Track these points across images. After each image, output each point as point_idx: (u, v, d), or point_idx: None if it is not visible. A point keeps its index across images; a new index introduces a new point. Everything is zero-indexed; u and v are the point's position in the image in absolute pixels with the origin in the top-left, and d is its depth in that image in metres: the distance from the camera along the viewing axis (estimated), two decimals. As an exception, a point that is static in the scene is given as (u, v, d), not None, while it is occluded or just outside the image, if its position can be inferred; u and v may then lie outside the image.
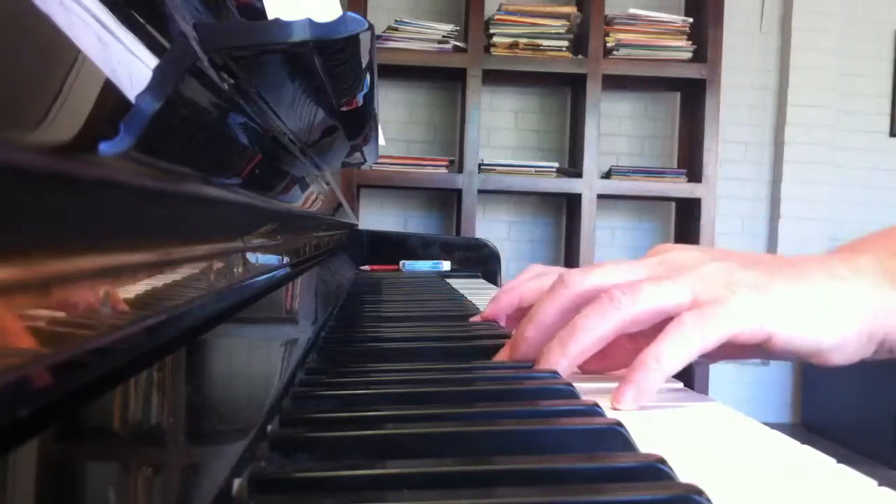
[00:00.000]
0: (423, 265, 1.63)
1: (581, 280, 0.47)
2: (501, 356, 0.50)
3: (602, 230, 3.12)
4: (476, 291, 1.15)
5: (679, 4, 3.18)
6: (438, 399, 0.37)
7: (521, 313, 0.55)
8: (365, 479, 0.26)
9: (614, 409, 0.41)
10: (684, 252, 0.48)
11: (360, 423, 0.33)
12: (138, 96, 0.22)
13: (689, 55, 2.91)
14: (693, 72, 2.90)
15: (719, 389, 3.11)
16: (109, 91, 0.20)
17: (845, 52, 3.23)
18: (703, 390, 2.84)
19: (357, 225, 1.76)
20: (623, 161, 3.13)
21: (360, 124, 0.81)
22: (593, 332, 0.44)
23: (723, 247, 3.10)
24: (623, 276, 0.46)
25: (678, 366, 0.41)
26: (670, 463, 0.27)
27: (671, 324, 0.42)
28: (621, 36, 2.89)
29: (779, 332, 0.43)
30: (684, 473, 0.27)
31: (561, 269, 0.54)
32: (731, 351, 0.46)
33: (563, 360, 0.44)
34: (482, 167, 2.90)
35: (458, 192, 2.88)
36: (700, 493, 0.24)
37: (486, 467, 0.27)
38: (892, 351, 0.46)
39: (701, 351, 0.42)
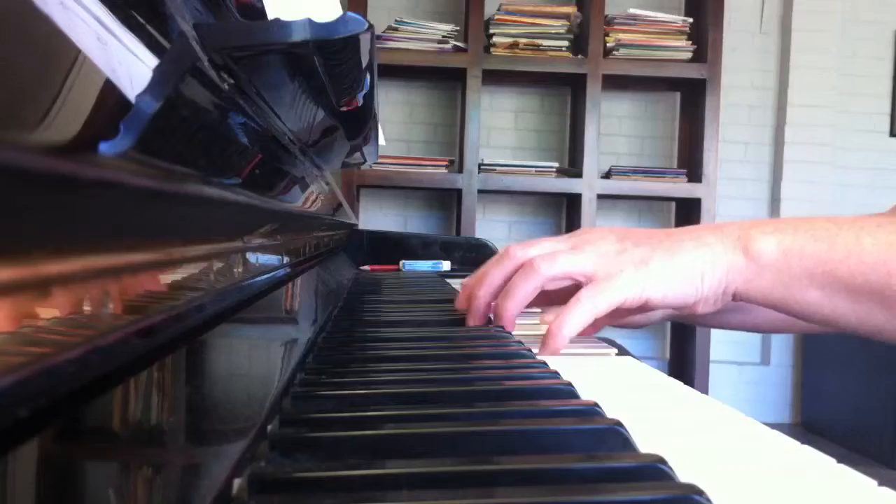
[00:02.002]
0: (423, 265, 1.63)
1: (519, 252, 0.65)
2: (459, 304, 0.70)
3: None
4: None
5: (679, 4, 3.18)
6: (438, 399, 0.37)
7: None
8: (365, 479, 0.26)
9: (539, 356, 0.52)
10: (597, 232, 0.64)
11: (360, 423, 0.33)
12: (138, 96, 0.22)
13: (689, 55, 2.91)
14: (693, 72, 2.90)
15: (719, 389, 3.10)
16: (109, 91, 0.20)
17: (845, 52, 3.23)
18: (703, 390, 2.83)
19: (357, 225, 1.76)
20: (623, 161, 3.13)
21: (360, 124, 0.81)
22: (522, 291, 0.62)
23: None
24: (548, 249, 0.64)
25: (577, 329, 0.57)
26: (670, 463, 0.27)
27: (571, 300, 0.58)
28: (621, 36, 2.89)
29: (653, 296, 0.58)
30: (684, 473, 0.27)
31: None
32: (621, 314, 0.63)
33: (506, 313, 0.63)
34: (482, 167, 2.90)
35: (458, 192, 2.88)
36: (700, 493, 0.24)
37: (486, 467, 0.27)
38: (736, 297, 0.59)
39: (594, 316, 0.57)
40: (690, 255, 0.58)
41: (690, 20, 2.94)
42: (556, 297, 0.66)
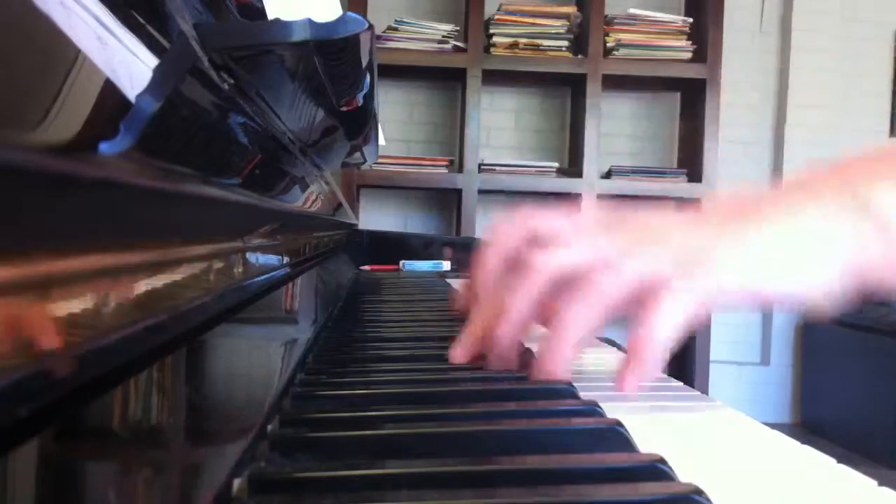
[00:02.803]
0: (423, 265, 1.63)
1: (549, 260, 0.43)
2: (460, 353, 0.45)
3: (602, 230, 3.12)
4: (476, 291, 1.14)
5: (679, 4, 3.18)
6: (438, 399, 0.37)
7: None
8: (365, 479, 0.26)
9: (622, 391, 0.39)
10: (651, 219, 0.45)
11: (360, 423, 0.33)
12: (138, 96, 0.22)
13: (689, 55, 2.91)
14: (693, 72, 2.90)
15: (719, 389, 3.10)
16: (109, 91, 0.20)
17: (845, 52, 3.23)
18: (704, 390, 2.83)
19: (357, 225, 1.76)
20: (623, 161, 3.13)
21: (359, 124, 0.81)
22: (582, 324, 0.40)
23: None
24: (592, 250, 0.43)
25: (674, 336, 0.39)
26: (670, 463, 0.27)
27: (659, 297, 0.40)
28: (621, 36, 2.89)
29: (765, 286, 0.41)
30: (684, 473, 0.27)
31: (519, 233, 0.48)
32: (722, 308, 0.43)
33: (560, 364, 0.41)
34: (482, 167, 2.90)
35: (458, 192, 2.88)
36: (700, 493, 0.24)
37: (486, 467, 0.27)
38: (864, 279, 0.41)
39: (696, 309, 0.40)
40: (806, 224, 0.41)
41: (690, 20, 2.94)
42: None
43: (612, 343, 0.65)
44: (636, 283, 0.40)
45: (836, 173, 0.44)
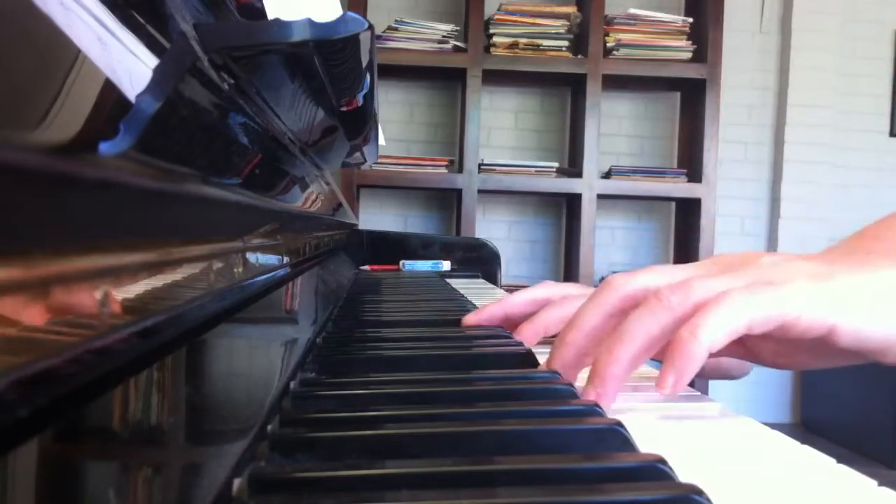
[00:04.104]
0: (423, 265, 1.63)
1: (627, 281, 0.44)
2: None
3: (602, 230, 3.12)
4: (476, 292, 1.15)
5: (679, 4, 3.18)
6: (438, 399, 0.37)
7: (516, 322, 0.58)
8: (365, 479, 0.26)
9: (660, 393, 0.38)
10: (735, 254, 0.45)
11: (360, 423, 0.33)
12: (138, 96, 0.22)
13: (689, 55, 2.91)
14: (693, 72, 2.90)
15: (719, 389, 3.10)
16: (109, 91, 0.20)
17: (845, 52, 3.23)
18: (703, 390, 2.83)
19: (357, 225, 1.76)
20: (623, 161, 3.13)
21: (360, 124, 0.81)
22: (643, 334, 0.40)
23: (723, 247, 3.10)
24: (671, 277, 0.43)
25: (720, 340, 0.37)
26: (670, 463, 0.27)
27: (716, 295, 0.39)
28: (621, 36, 2.89)
29: (843, 322, 0.38)
30: (684, 473, 0.27)
31: (572, 288, 0.56)
32: (788, 349, 0.43)
33: (612, 367, 0.39)
34: (482, 167, 2.90)
35: (458, 192, 2.88)
36: (700, 493, 0.24)
37: (486, 467, 0.27)
38: None
39: (747, 328, 0.38)
40: (892, 275, 0.40)
41: (690, 20, 2.94)
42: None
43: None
44: (703, 301, 0.39)
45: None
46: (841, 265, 0.40)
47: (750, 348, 0.45)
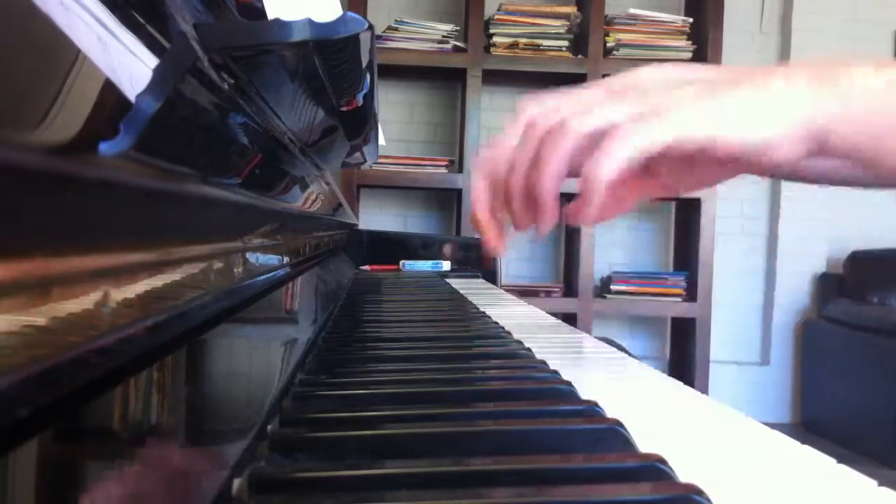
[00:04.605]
0: (423, 265, 1.63)
1: (542, 115, 0.50)
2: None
3: (602, 230, 3.12)
4: (476, 292, 1.15)
5: (679, 4, 3.18)
6: (438, 399, 0.37)
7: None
8: (364, 479, 0.26)
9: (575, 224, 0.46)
10: (642, 71, 0.50)
11: (359, 423, 0.33)
12: (138, 96, 0.22)
13: (689, 55, 2.91)
14: (693, 72, 2.90)
15: (719, 389, 3.10)
16: (109, 91, 0.20)
17: (845, 52, 3.23)
18: (703, 390, 2.83)
19: (357, 225, 1.76)
20: (623, 161, 3.13)
21: (360, 124, 0.81)
22: (555, 159, 0.48)
23: (723, 247, 3.10)
24: (579, 102, 0.49)
25: (617, 170, 0.44)
26: (670, 463, 0.27)
27: (608, 140, 0.44)
28: (621, 36, 2.89)
29: (721, 135, 0.44)
30: (684, 473, 0.27)
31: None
32: (680, 165, 0.49)
33: (544, 188, 0.50)
34: (482, 167, 2.90)
35: (458, 192, 2.88)
36: (700, 493, 0.24)
37: (486, 467, 0.27)
38: (818, 140, 0.45)
39: (645, 150, 0.43)
40: (767, 86, 0.45)
41: (690, 20, 2.95)
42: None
43: (610, 342, 0.66)
44: (590, 136, 0.46)
45: (825, 61, 0.48)
46: (727, 82, 0.45)
47: (652, 173, 0.51)
